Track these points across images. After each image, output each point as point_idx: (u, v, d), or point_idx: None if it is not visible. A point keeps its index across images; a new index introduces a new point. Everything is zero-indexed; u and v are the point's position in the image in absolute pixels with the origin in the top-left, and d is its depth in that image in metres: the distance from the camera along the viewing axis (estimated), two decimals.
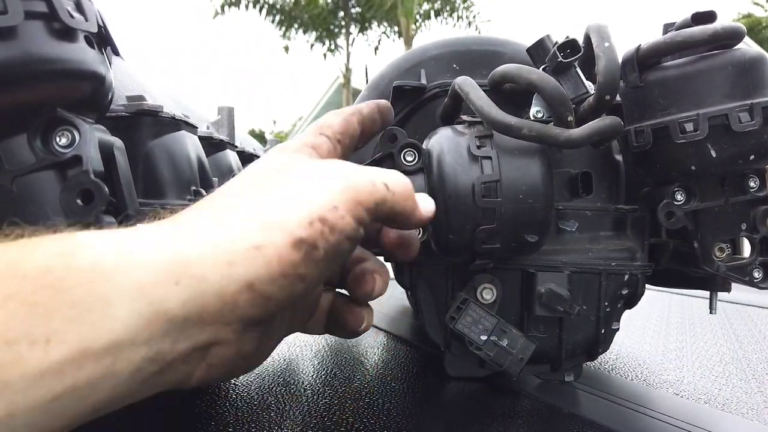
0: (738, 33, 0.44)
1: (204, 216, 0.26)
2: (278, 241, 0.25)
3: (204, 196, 0.45)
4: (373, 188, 0.29)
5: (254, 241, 0.24)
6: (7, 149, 0.32)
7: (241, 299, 0.24)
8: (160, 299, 0.22)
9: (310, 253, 0.25)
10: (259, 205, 0.26)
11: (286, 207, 0.26)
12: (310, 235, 0.25)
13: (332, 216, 0.26)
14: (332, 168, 0.29)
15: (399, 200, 0.30)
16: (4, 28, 0.29)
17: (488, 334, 0.47)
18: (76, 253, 0.21)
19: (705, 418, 0.50)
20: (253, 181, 0.29)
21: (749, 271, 0.48)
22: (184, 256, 0.23)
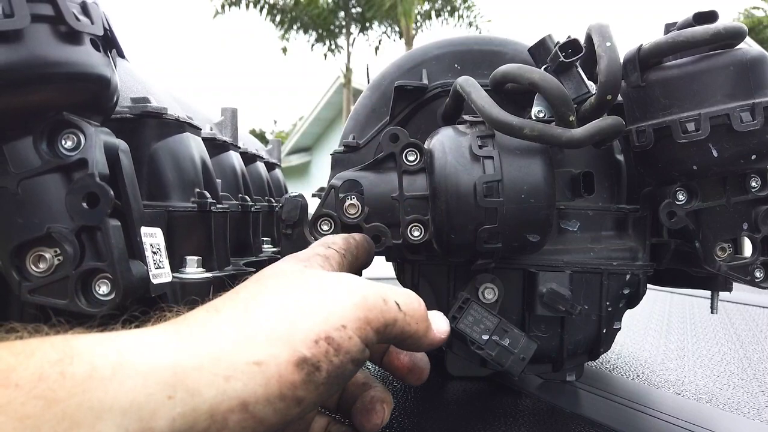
0: (739, 33, 0.45)
1: (210, 323, 0.26)
2: (281, 358, 0.24)
3: (206, 198, 0.45)
4: (384, 307, 0.28)
5: (256, 356, 0.24)
6: (13, 152, 0.32)
7: (231, 419, 0.23)
8: (151, 415, 0.21)
9: (311, 374, 0.25)
10: (267, 316, 0.26)
11: (293, 320, 0.26)
12: (315, 354, 0.25)
13: (339, 336, 0.26)
14: (343, 282, 0.29)
15: (411, 322, 0.30)
16: (11, 32, 0.29)
17: (490, 334, 0.47)
18: (73, 360, 0.21)
19: (706, 418, 0.50)
20: (264, 289, 0.28)
21: (751, 270, 0.48)
22: (182, 366, 0.23)
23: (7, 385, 0.19)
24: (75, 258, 0.32)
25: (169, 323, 0.26)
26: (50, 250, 0.32)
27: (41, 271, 0.32)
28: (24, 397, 0.19)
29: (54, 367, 0.20)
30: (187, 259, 0.42)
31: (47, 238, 0.32)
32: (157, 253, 0.38)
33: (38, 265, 0.32)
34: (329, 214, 0.45)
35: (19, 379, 0.20)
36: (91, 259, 0.32)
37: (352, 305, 0.27)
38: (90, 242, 0.33)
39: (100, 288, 0.33)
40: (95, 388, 0.21)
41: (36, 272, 0.32)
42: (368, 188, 0.45)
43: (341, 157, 0.55)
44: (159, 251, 0.38)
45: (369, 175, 0.46)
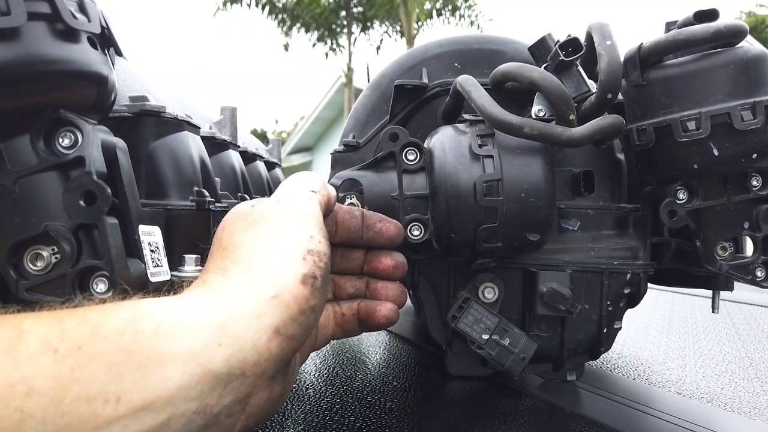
0: (740, 31, 0.44)
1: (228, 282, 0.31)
2: (289, 284, 0.30)
3: (205, 197, 0.45)
4: (313, 201, 0.35)
5: (271, 292, 0.29)
6: (10, 150, 0.32)
7: (272, 346, 0.29)
8: (208, 360, 0.26)
9: (314, 283, 0.31)
10: (260, 255, 0.31)
11: (280, 251, 0.31)
12: (308, 268, 0.31)
13: (313, 245, 0.32)
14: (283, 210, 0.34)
15: (325, 193, 0.37)
16: (7, 29, 0.29)
17: (490, 333, 0.47)
18: (144, 320, 0.26)
19: (708, 418, 0.50)
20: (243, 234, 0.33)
21: (752, 269, 0.48)
22: (221, 318, 0.28)
23: (98, 338, 0.24)
24: (72, 256, 0.32)
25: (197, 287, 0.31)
26: (48, 249, 0.32)
27: (39, 270, 0.32)
28: (111, 348, 0.24)
29: (130, 324, 0.25)
30: (186, 257, 0.42)
31: (44, 237, 0.32)
32: (155, 252, 0.37)
33: (35, 264, 0.32)
34: None
35: (106, 333, 0.25)
36: (89, 258, 0.32)
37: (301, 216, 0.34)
38: (87, 240, 0.32)
39: (97, 286, 0.32)
40: (161, 343, 0.26)
41: (33, 270, 0.32)
42: (368, 187, 0.45)
43: (341, 156, 0.55)
44: (157, 249, 0.38)
45: (369, 174, 0.46)
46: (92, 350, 0.24)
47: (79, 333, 0.24)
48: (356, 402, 0.50)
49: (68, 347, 0.23)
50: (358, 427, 0.45)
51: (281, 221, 0.33)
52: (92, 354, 0.24)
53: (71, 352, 0.23)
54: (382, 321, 0.41)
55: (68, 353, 0.23)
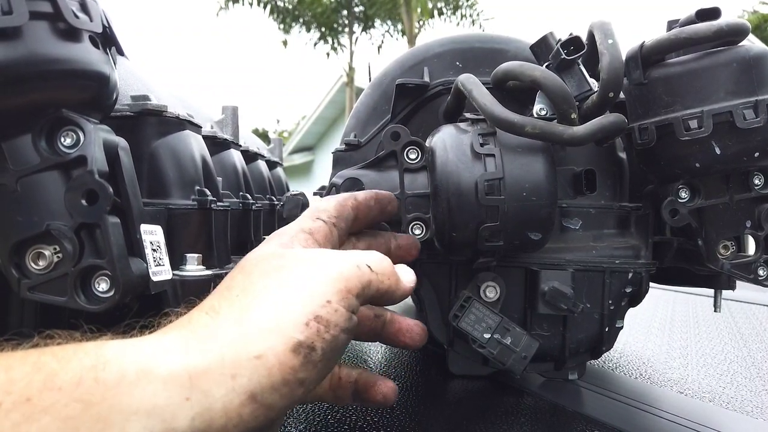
0: (742, 30, 0.44)
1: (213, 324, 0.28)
2: (277, 347, 0.26)
3: (207, 196, 0.45)
4: (359, 272, 0.30)
5: (255, 351, 0.26)
6: (12, 149, 0.32)
7: (244, 412, 0.25)
8: (172, 416, 0.24)
9: (308, 355, 0.27)
10: (258, 310, 0.28)
11: (281, 309, 0.28)
12: (308, 336, 0.27)
13: (325, 311, 0.28)
14: (318, 260, 0.31)
15: (383, 279, 0.32)
16: (9, 29, 0.29)
17: (491, 332, 0.47)
18: (105, 367, 0.23)
19: (709, 417, 0.50)
20: (251, 282, 0.30)
21: (754, 268, 0.48)
22: (194, 369, 0.25)
23: (51, 388, 0.22)
24: (74, 255, 0.32)
25: (178, 327, 0.28)
26: (49, 248, 0.32)
27: (41, 269, 0.32)
28: (66, 399, 0.22)
29: (89, 372, 0.23)
30: (188, 256, 0.42)
31: (46, 236, 0.32)
32: (157, 251, 0.37)
33: (38, 263, 0.32)
34: None
35: (62, 383, 0.22)
36: (91, 257, 0.32)
37: (331, 280, 0.29)
38: (89, 239, 0.32)
39: (99, 285, 0.32)
40: (124, 392, 0.23)
41: (35, 269, 0.32)
42: (369, 186, 0.45)
43: (342, 155, 0.55)
44: (159, 249, 0.38)
45: (370, 174, 0.46)
46: (44, 402, 0.22)
47: (29, 383, 0.22)
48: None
49: (15, 400, 0.21)
50: (360, 425, 0.45)
51: (300, 273, 0.29)
52: (44, 407, 0.21)
53: (18, 406, 0.21)
54: (379, 398, 0.37)
55: (14, 407, 0.21)
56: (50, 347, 0.25)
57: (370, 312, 0.39)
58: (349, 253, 0.32)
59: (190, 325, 0.28)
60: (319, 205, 0.38)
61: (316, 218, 0.36)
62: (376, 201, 0.40)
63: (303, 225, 0.36)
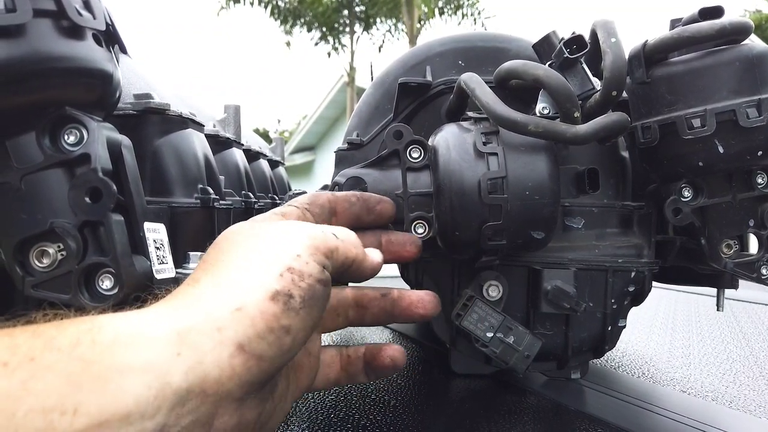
0: (746, 28, 0.44)
1: (195, 291, 0.29)
2: (257, 298, 0.28)
3: (209, 194, 0.45)
4: (324, 236, 0.32)
5: (237, 304, 0.27)
6: (16, 147, 0.32)
7: (235, 363, 0.26)
8: (166, 371, 0.25)
9: (287, 302, 0.28)
10: (235, 270, 0.29)
11: (256, 266, 0.29)
12: (283, 285, 0.29)
13: (297, 263, 0.30)
14: (289, 225, 0.33)
15: (350, 247, 0.34)
16: (13, 26, 0.29)
17: (494, 331, 0.47)
18: (100, 330, 0.25)
19: (712, 416, 0.50)
20: (226, 250, 0.32)
21: (757, 267, 0.48)
22: (181, 326, 0.26)
23: (51, 349, 0.23)
24: (78, 253, 0.32)
25: (163, 300, 0.29)
26: (53, 245, 0.32)
27: (44, 266, 0.32)
28: (67, 358, 0.23)
29: (86, 335, 0.24)
30: (191, 254, 0.42)
31: (50, 233, 0.32)
32: (160, 249, 0.37)
33: (41, 260, 0.32)
34: None
35: (60, 344, 0.23)
36: (94, 254, 0.32)
37: (298, 239, 0.31)
38: (93, 237, 0.33)
39: (103, 283, 0.33)
40: (119, 351, 0.24)
41: (39, 267, 0.32)
42: (372, 185, 0.45)
43: (345, 154, 0.55)
44: (162, 247, 0.38)
45: (373, 173, 0.46)
46: (46, 361, 0.23)
47: (31, 345, 0.23)
48: (360, 399, 0.50)
49: (19, 360, 0.22)
50: (363, 424, 0.45)
51: (270, 238, 0.32)
52: (46, 365, 0.23)
53: (23, 365, 0.22)
54: (388, 362, 0.39)
55: (19, 366, 0.22)
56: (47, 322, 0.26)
57: (376, 293, 0.40)
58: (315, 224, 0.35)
59: (173, 297, 0.29)
60: (296, 198, 0.40)
61: (288, 205, 0.39)
62: (358, 198, 0.42)
63: (275, 210, 0.38)
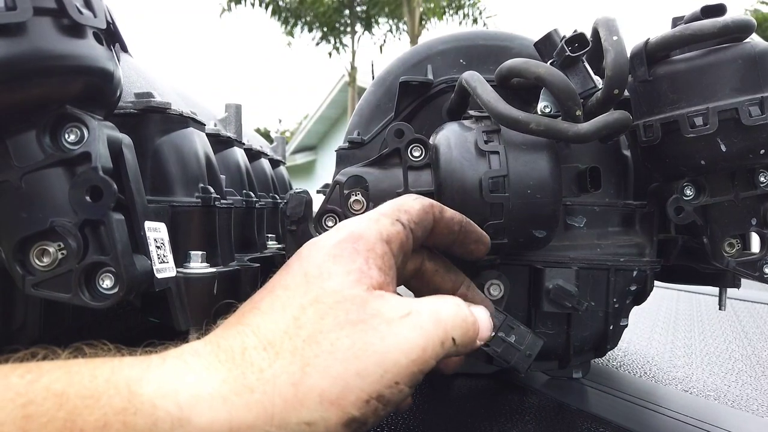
0: (748, 26, 0.44)
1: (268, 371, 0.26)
2: (331, 420, 0.25)
3: (210, 194, 0.45)
4: (441, 350, 0.29)
5: (308, 417, 0.25)
6: (16, 145, 0.32)
7: None
8: None
9: (358, 429, 0.26)
10: (323, 372, 0.26)
11: (347, 381, 0.26)
12: (363, 414, 0.26)
13: (390, 392, 0.26)
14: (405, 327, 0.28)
15: (461, 350, 0.30)
16: (13, 24, 0.29)
17: (495, 330, 0.46)
18: (136, 412, 0.22)
19: (714, 415, 0.49)
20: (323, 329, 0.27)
21: (759, 266, 0.48)
22: (237, 423, 0.23)
23: (73, 430, 0.20)
24: (79, 252, 0.32)
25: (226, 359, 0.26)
26: (54, 244, 0.32)
27: (45, 265, 0.32)
28: None
29: (118, 416, 0.21)
30: (191, 254, 0.42)
31: (51, 232, 0.32)
32: (161, 248, 0.37)
33: (42, 259, 0.32)
34: (334, 210, 0.45)
35: (85, 424, 0.20)
36: (95, 253, 0.32)
37: (409, 362, 0.27)
38: (93, 236, 0.32)
39: (103, 282, 0.32)
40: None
41: (40, 266, 0.32)
42: (373, 184, 0.45)
43: (346, 153, 0.55)
44: (163, 246, 0.38)
45: (374, 171, 0.45)
46: None
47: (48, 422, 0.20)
48: None
49: None
50: None
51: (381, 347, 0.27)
52: None
53: None
54: None
55: None
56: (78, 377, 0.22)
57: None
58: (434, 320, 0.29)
59: (243, 361, 0.26)
60: (403, 204, 0.34)
61: (396, 220, 0.33)
62: (461, 229, 0.37)
63: (382, 229, 0.32)
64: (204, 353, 0.26)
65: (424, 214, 0.34)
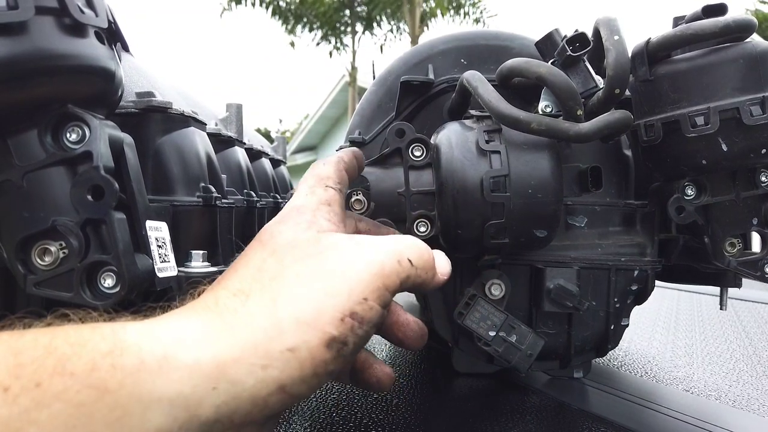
0: (749, 26, 0.44)
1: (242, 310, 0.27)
2: (312, 342, 0.26)
3: (211, 193, 0.45)
4: (400, 268, 0.30)
5: (289, 343, 0.26)
6: (18, 145, 0.32)
7: (271, 400, 0.25)
8: (197, 404, 0.23)
9: (340, 350, 0.27)
10: (293, 300, 0.27)
11: (318, 302, 0.27)
12: (342, 332, 0.27)
13: (362, 308, 0.27)
14: (360, 251, 0.30)
15: (421, 273, 0.31)
16: (15, 24, 0.29)
17: (497, 330, 0.47)
18: (123, 353, 0.22)
19: (716, 415, 0.49)
20: (284, 267, 0.29)
21: (760, 266, 0.48)
22: (223, 358, 0.24)
23: (63, 374, 0.21)
24: (80, 251, 0.32)
25: (203, 309, 0.27)
26: (55, 243, 0.32)
27: (46, 264, 0.32)
28: (79, 385, 0.21)
29: (105, 358, 0.22)
30: (193, 253, 0.42)
31: (52, 231, 0.32)
32: (162, 247, 0.37)
33: (43, 258, 0.32)
34: None
35: (74, 368, 0.21)
36: (97, 252, 0.32)
37: (371, 276, 0.28)
38: (95, 235, 0.32)
39: (105, 281, 0.32)
40: (144, 380, 0.22)
41: (41, 265, 0.32)
42: (374, 183, 0.45)
43: None
44: (164, 245, 0.38)
45: (375, 171, 0.45)
46: (55, 388, 0.21)
47: (39, 367, 0.21)
48: (363, 398, 0.50)
49: (24, 384, 0.20)
50: (365, 423, 0.44)
51: (337, 262, 0.29)
52: (55, 393, 0.20)
53: (27, 391, 0.20)
54: (373, 381, 0.35)
55: (23, 392, 0.20)
56: (64, 329, 0.23)
57: None
58: (388, 242, 0.31)
59: (217, 308, 0.27)
60: (320, 172, 0.36)
61: (326, 186, 0.35)
62: (354, 158, 0.40)
63: (319, 195, 0.34)
64: (179, 312, 0.27)
65: (339, 173, 0.37)
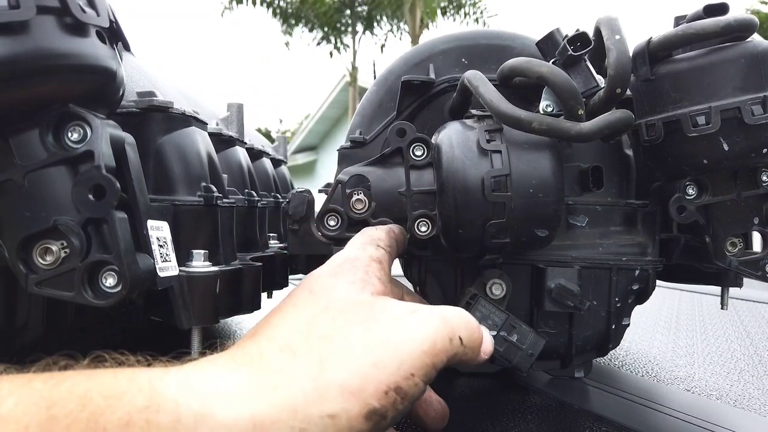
0: (751, 25, 0.44)
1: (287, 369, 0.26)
2: (352, 412, 0.26)
3: (212, 193, 0.45)
4: (450, 347, 0.30)
5: (329, 410, 0.25)
6: (19, 144, 0.32)
7: None
8: None
9: (379, 422, 0.26)
10: (340, 367, 0.27)
11: (365, 373, 0.27)
12: (383, 405, 0.26)
13: (407, 384, 0.27)
14: (414, 323, 0.30)
15: (468, 352, 0.32)
16: (16, 23, 0.29)
17: (498, 330, 0.46)
18: (159, 409, 0.22)
19: (717, 414, 0.49)
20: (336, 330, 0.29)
21: (761, 265, 0.48)
22: (261, 418, 0.24)
23: (96, 429, 0.20)
24: (81, 250, 0.32)
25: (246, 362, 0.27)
26: (57, 243, 0.32)
27: (48, 264, 0.32)
28: None
29: (141, 413, 0.21)
30: (194, 252, 0.42)
31: (54, 231, 0.32)
32: (163, 247, 0.37)
33: (45, 258, 0.32)
34: (336, 210, 0.45)
35: (108, 423, 0.20)
36: (98, 252, 0.32)
37: (422, 353, 0.28)
38: (96, 235, 0.32)
39: (106, 280, 0.32)
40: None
41: (43, 265, 0.32)
42: (375, 183, 0.45)
43: (348, 152, 0.55)
44: (165, 244, 0.38)
45: (376, 170, 0.45)
46: None
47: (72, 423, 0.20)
48: None
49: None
50: None
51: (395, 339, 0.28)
52: None
53: None
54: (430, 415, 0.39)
55: None
56: (101, 377, 0.23)
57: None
58: (441, 316, 0.31)
59: (261, 362, 0.27)
60: (372, 233, 0.39)
61: (377, 246, 0.37)
62: (402, 233, 0.42)
63: (371, 252, 0.36)
64: (221, 361, 0.27)
65: (389, 237, 0.39)
